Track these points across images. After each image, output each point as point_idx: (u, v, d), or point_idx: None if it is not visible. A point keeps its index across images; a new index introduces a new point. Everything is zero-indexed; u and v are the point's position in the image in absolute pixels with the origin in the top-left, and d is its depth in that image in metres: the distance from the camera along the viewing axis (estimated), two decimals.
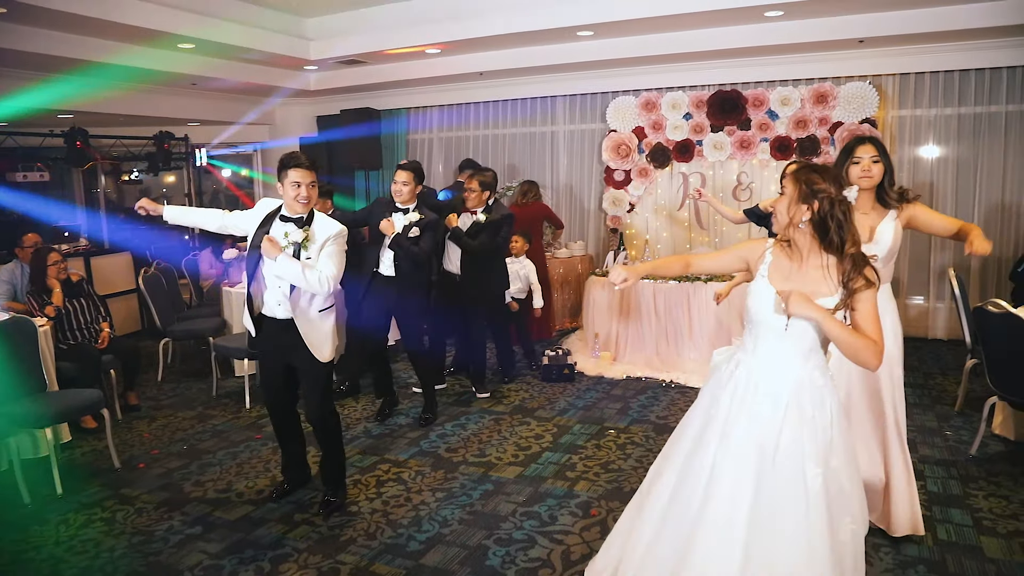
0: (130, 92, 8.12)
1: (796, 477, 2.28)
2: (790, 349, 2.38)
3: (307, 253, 3.52)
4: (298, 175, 3.46)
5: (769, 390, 2.37)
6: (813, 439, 2.31)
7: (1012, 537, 3.41)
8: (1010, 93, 6.83)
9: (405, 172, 4.86)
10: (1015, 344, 3.93)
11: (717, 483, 2.37)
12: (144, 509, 3.88)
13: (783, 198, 2.40)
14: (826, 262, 2.34)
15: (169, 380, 6.33)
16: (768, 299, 2.38)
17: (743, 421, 2.38)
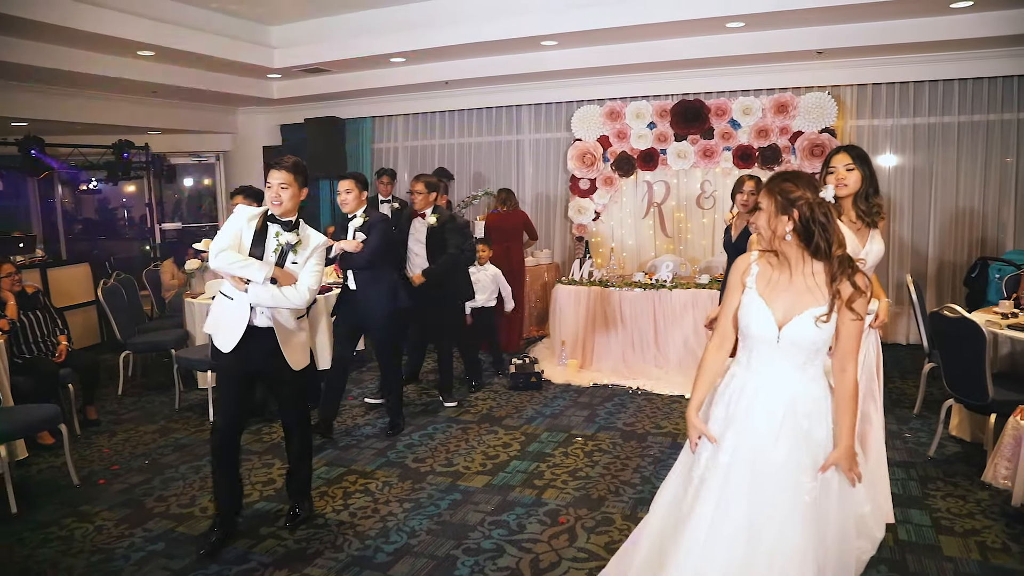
0: (88, 99, 7.99)
1: (790, 492, 2.26)
2: (785, 362, 2.34)
3: (295, 257, 3.48)
4: (271, 176, 3.45)
5: (764, 404, 2.33)
6: (809, 452, 2.28)
7: (969, 536, 3.49)
8: (961, 104, 7.04)
9: (347, 180, 4.82)
10: (969, 348, 4.02)
11: (703, 495, 2.35)
12: (104, 526, 3.79)
13: (761, 214, 2.35)
14: (814, 269, 2.31)
15: (130, 394, 6.21)
16: (759, 311, 2.35)
17: (732, 436, 2.35)
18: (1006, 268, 6.19)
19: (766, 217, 2.33)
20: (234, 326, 3.45)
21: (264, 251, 3.45)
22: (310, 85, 8.82)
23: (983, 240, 7.15)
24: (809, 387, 2.35)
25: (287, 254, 3.47)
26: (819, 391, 2.36)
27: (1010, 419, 3.64)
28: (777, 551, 2.23)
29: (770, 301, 2.34)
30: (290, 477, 3.87)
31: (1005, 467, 3.59)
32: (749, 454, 2.31)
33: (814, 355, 2.34)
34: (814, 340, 2.29)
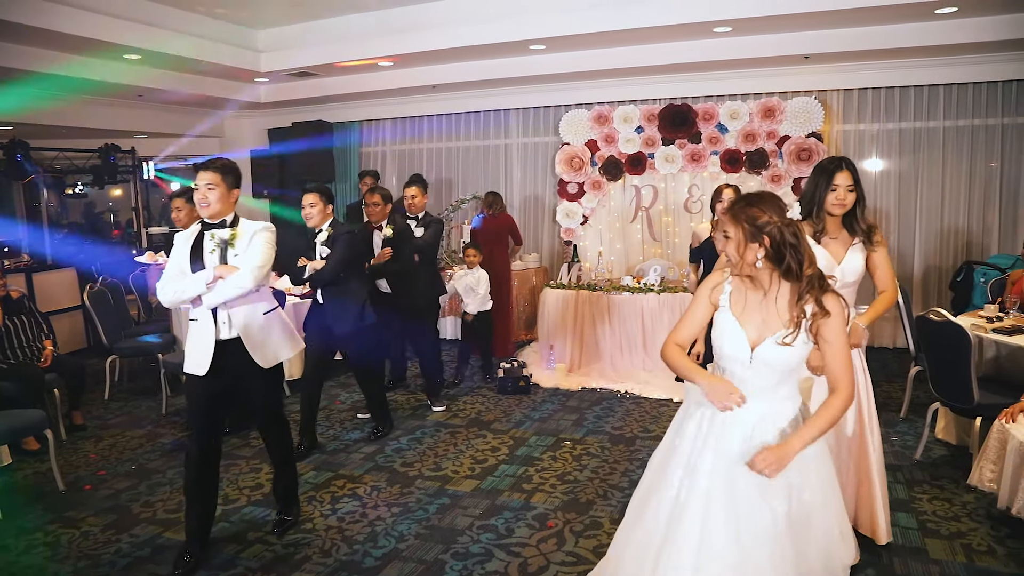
0: (74, 103, 7.93)
1: (767, 511, 2.24)
2: (758, 382, 2.32)
3: (235, 251, 3.37)
4: (198, 178, 3.35)
5: (737, 425, 2.31)
6: (787, 473, 2.23)
7: (954, 538, 3.51)
8: (947, 109, 7.10)
9: (312, 195, 4.67)
10: (955, 351, 4.05)
11: (683, 517, 2.31)
12: (90, 532, 3.76)
13: (730, 242, 2.30)
14: (787, 290, 2.29)
15: (116, 398, 6.17)
16: (732, 332, 2.33)
17: (709, 456, 2.32)
18: (991, 272, 6.25)
19: (735, 245, 2.29)
20: (204, 346, 3.37)
21: (204, 262, 3.35)
22: (297, 89, 8.80)
23: (968, 244, 7.21)
24: (783, 406, 2.35)
25: (226, 252, 3.37)
26: (791, 411, 2.35)
27: (995, 422, 3.66)
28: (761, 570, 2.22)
29: (743, 322, 2.33)
30: (276, 482, 3.84)
31: (990, 470, 3.62)
32: (726, 476, 2.28)
33: (787, 375, 2.33)
34: (786, 362, 2.28)
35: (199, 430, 3.44)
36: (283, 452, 3.78)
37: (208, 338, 3.36)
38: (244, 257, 3.36)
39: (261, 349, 3.46)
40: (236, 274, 3.31)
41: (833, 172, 3.05)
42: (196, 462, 3.43)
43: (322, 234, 4.74)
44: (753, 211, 2.25)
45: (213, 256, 3.37)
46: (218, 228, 3.38)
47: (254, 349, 3.43)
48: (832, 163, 3.10)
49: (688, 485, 2.34)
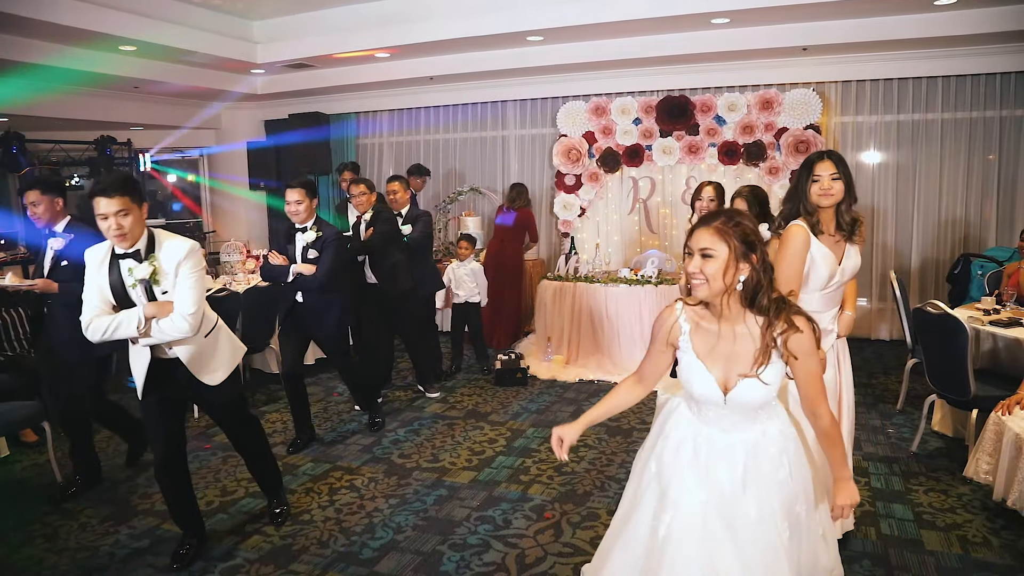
0: (69, 95, 7.90)
1: (770, 541, 2.13)
2: (735, 416, 2.19)
3: (161, 288, 3.05)
4: (101, 206, 2.89)
5: (724, 458, 2.18)
6: (779, 495, 2.17)
7: (950, 530, 3.53)
8: (945, 101, 7.10)
9: (296, 190, 4.51)
10: (952, 344, 4.06)
11: (665, 552, 2.16)
12: (88, 524, 3.77)
13: (711, 261, 2.06)
14: (748, 317, 2.13)
15: (114, 390, 6.14)
16: (700, 376, 2.16)
17: (697, 491, 2.18)
18: (988, 265, 6.26)
19: (720, 264, 2.05)
20: (139, 365, 3.17)
21: (126, 293, 3.05)
22: (294, 80, 8.77)
23: (966, 237, 7.22)
24: (765, 428, 2.21)
25: (150, 287, 3.05)
26: (776, 428, 2.23)
27: (991, 414, 3.68)
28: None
29: (709, 364, 2.16)
30: (257, 475, 3.78)
31: (986, 462, 3.63)
32: (722, 511, 2.16)
33: (766, 403, 2.19)
34: (764, 398, 2.14)
35: (156, 441, 3.30)
36: (256, 446, 3.69)
37: (143, 361, 3.15)
38: (175, 299, 3.05)
39: (204, 370, 3.26)
40: (172, 320, 3.02)
41: (814, 163, 2.99)
42: (162, 472, 3.33)
43: (308, 234, 4.58)
44: (743, 229, 2.06)
45: (136, 291, 3.06)
46: (133, 258, 3.02)
47: (198, 372, 3.23)
48: (813, 155, 3.06)
49: (668, 521, 2.18)
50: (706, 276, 2.06)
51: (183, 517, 3.44)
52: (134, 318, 2.99)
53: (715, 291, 2.08)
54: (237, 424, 3.58)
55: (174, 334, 3.04)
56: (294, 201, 4.52)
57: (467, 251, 6.55)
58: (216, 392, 3.34)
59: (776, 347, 2.09)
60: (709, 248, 2.05)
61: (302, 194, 4.53)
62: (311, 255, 4.58)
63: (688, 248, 2.12)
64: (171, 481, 3.37)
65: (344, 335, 4.94)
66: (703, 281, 2.07)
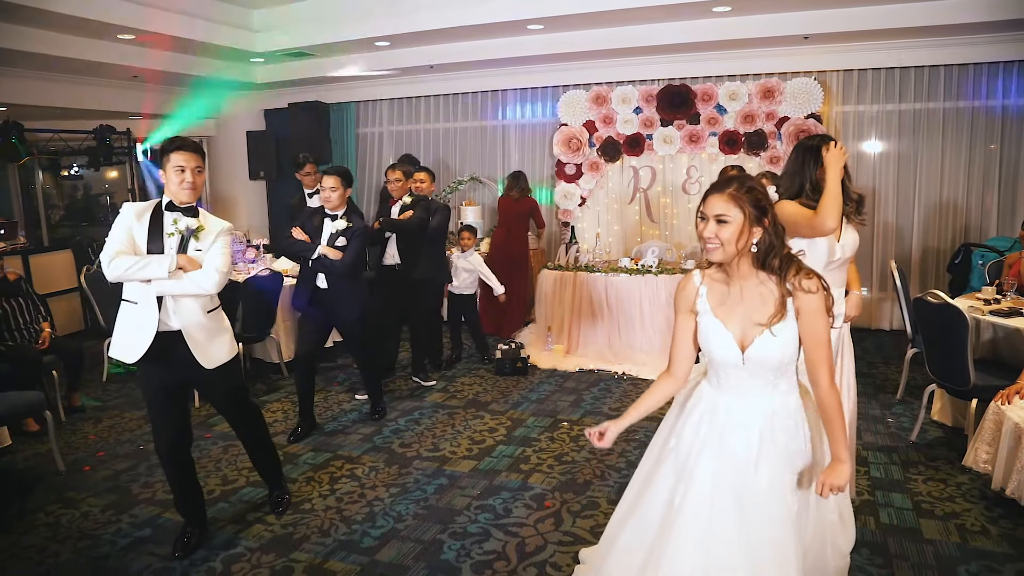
0: (68, 84, 7.87)
1: (778, 514, 2.17)
2: (754, 380, 2.23)
3: (198, 244, 3.21)
4: (182, 158, 3.14)
5: (740, 427, 2.22)
6: (790, 468, 2.21)
7: (948, 519, 3.54)
8: (947, 90, 7.07)
9: (332, 177, 4.63)
10: (952, 334, 4.06)
11: (676, 522, 2.23)
12: (90, 513, 3.78)
13: (727, 226, 2.13)
14: (762, 278, 2.19)
15: (115, 380, 6.17)
16: (718, 335, 2.22)
17: (709, 461, 2.23)
18: (989, 255, 6.26)
19: (735, 228, 2.12)
20: (143, 332, 3.16)
21: (163, 244, 3.17)
22: (293, 69, 8.74)
23: (967, 227, 7.20)
24: (785, 400, 2.25)
25: (188, 241, 3.20)
26: (795, 402, 2.27)
27: (991, 404, 3.69)
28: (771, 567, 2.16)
29: (727, 322, 2.22)
30: (257, 464, 3.80)
31: (985, 451, 3.65)
32: (732, 480, 2.20)
33: (784, 368, 2.23)
34: (780, 357, 2.18)
35: (160, 426, 3.32)
36: (258, 435, 3.71)
37: (149, 326, 3.16)
38: (207, 257, 3.20)
39: (203, 348, 3.27)
40: (200, 273, 3.15)
41: (819, 147, 3.05)
42: (168, 461, 3.36)
43: (339, 222, 4.68)
44: (755, 194, 2.15)
45: (171, 240, 3.18)
46: (183, 213, 3.22)
47: (195, 348, 3.24)
48: (816, 139, 3.10)
49: (683, 491, 2.24)
50: (721, 240, 2.14)
51: (186, 506, 3.46)
52: (166, 260, 3.11)
53: (729, 254, 2.16)
54: (238, 411, 3.59)
55: (201, 285, 3.15)
56: (329, 188, 4.63)
57: (470, 241, 6.58)
58: (215, 376, 3.34)
59: (790, 297, 2.15)
60: (723, 214, 2.13)
61: (338, 181, 4.63)
62: (340, 243, 4.65)
63: (702, 213, 2.18)
64: (176, 470, 3.39)
65: (364, 322, 4.99)
66: (718, 245, 2.15)
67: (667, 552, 2.22)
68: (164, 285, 3.14)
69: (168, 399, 3.30)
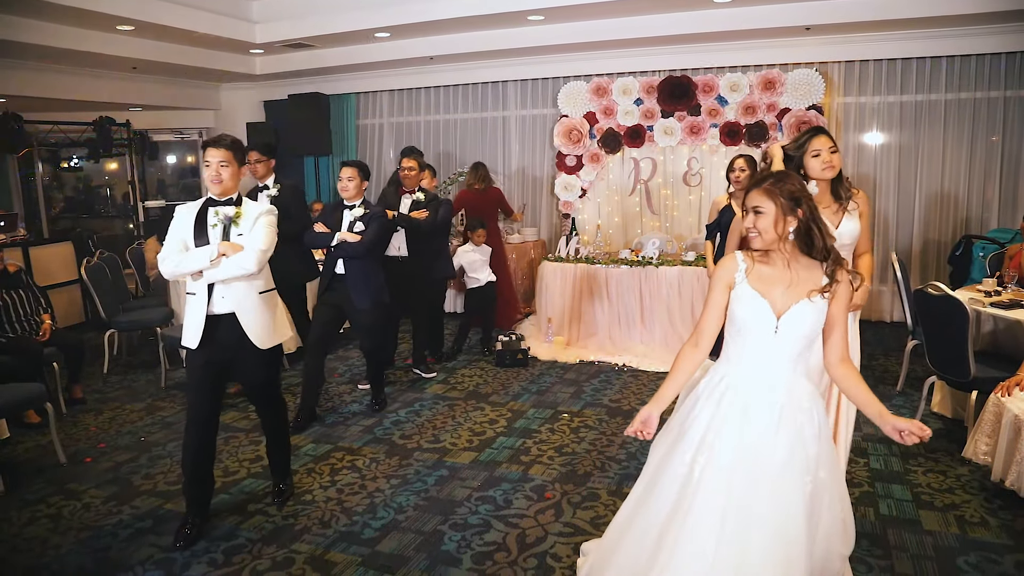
0: (67, 75, 7.86)
1: (792, 489, 2.24)
2: (778, 355, 2.34)
3: (239, 230, 3.39)
4: (209, 155, 3.38)
5: (763, 399, 2.32)
6: (803, 448, 2.28)
7: (948, 510, 3.55)
8: (948, 82, 7.04)
9: (350, 168, 4.88)
10: (952, 325, 4.06)
11: (697, 495, 2.29)
12: (92, 504, 3.79)
13: (763, 216, 2.31)
14: (804, 264, 2.34)
15: (116, 372, 6.18)
16: (754, 302, 2.33)
17: (730, 435, 2.30)
18: (990, 246, 6.25)
19: (771, 219, 2.31)
20: (197, 319, 3.38)
21: (207, 236, 3.38)
22: (293, 61, 8.72)
23: (967, 218, 7.19)
24: (800, 382, 2.36)
25: (229, 228, 3.39)
26: (809, 387, 2.38)
27: (991, 396, 3.69)
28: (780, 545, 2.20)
29: (765, 292, 2.34)
30: (270, 454, 3.85)
31: (985, 443, 3.65)
32: (751, 453, 2.27)
33: (807, 348, 2.36)
34: (812, 326, 2.32)
35: (194, 402, 3.44)
36: (278, 428, 3.81)
37: (200, 311, 3.37)
38: (248, 238, 3.38)
39: (256, 328, 3.43)
40: (241, 254, 3.33)
41: (808, 139, 3.07)
42: (192, 434, 3.43)
43: (356, 210, 4.86)
44: (791, 186, 2.32)
45: (215, 231, 3.38)
46: (224, 206, 3.41)
47: (248, 327, 3.41)
48: (807, 132, 3.13)
49: (703, 463, 2.30)
50: (759, 230, 2.34)
51: (193, 491, 3.47)
52: (207, 250, 3.32)
53: (768, 241, 2.34)
54: (268, 400, 3.70)
55: (243, 265, 3.33)
56: (346, 178, 4.85)
57: (482, 237, 6.66)
58: (260, 357, 3.48)
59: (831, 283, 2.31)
60: (759, 206, 2.33)
61: (354, 172, 4.87)
62: (358, 228, 4.81)
63: (746, 207, 2.40)
64: (197, 452, 3.45)
65: (378, 310, 5.01)
66: (756, 234, 2.35)
67: (687, 524, 2.28)
68: (211, 273, 3.34)
69: (207, 375, 3.42)
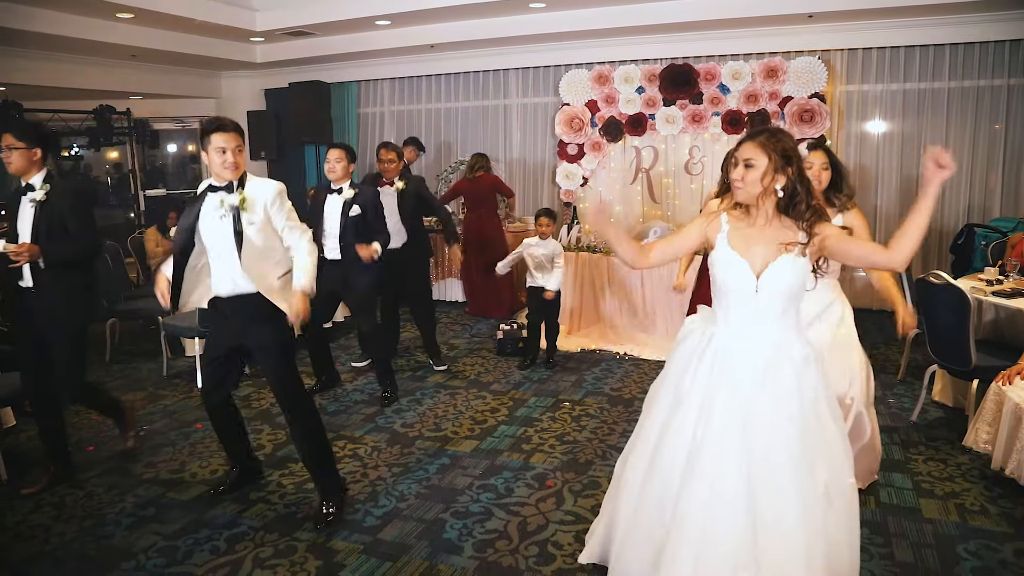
0: (67, 64, 7.83)
1: (779, 444, 2.28)
2: (763, 313, 2.37)
3: (249, 218, 3.25)
4: (222, 139, 3.21)
5: (746, 358, 2.36)
6: (799, 400, 2.30)
7: (948, 499, 3.56)
8: (952, 70, 7.00)
9: (337, 150, 4.90)
10: (954, 314, 4.06)
11: (701, 461, 2.33)
12: (94, 492, 3.81)
13: (753, 170, 2.33)
14: (784, 223, 2.37)
15: (117, 361, 6.19)
16: (733, 263, 2.38)
17: (723, 394, 2.35)
18: (992, 235, 6.23)
19: (760, 173, 2.32)
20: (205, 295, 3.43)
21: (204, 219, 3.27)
22: (294, 49, 8.69)
23: (970, 207, 7.17)
24: (788, 336, 2.38)
25: (239, 217, 3.25)
26: (801, 342, 2.40)
27: (992, 385, 3.70)
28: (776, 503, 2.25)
29: (744, 253, 2.37)
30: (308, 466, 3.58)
31: (986, 432, 3.66)
32: (740, 413, 2.31)
33: (791, 303, 2.39)
34: (791, 284, 2.34)
35: (206, 368, 3.57)
36: (308, 430, 3.47)
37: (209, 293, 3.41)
38: (286, 233, 3.34)
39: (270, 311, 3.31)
40: (300, 252, 3.35)
41: (809, 149, 3.34)
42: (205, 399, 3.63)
43: (347, 192, 4.86)
44: (786, 143, 2.34)
45: (224, 222, 3.24)
46: (226, 191, 3.27)
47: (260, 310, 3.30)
48: (810, 144, 3.36)
49: (704, 427, 2.35)
50: (745, 182, 2.35)
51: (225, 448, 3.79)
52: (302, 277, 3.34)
53: (752, 194, 2.36)
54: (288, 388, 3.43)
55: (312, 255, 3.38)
56: (334, 159, 4.86)
57: (548, 227, 5.82)
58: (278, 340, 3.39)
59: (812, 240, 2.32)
60: (751, 158, 2.34)
61: (342, 154, 4.89)
62: (354, 211, 4.82)
63: (734, 158, 2.40)
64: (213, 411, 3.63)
65: (374, 294, 5.05)
66: (743, 186, 2.36)
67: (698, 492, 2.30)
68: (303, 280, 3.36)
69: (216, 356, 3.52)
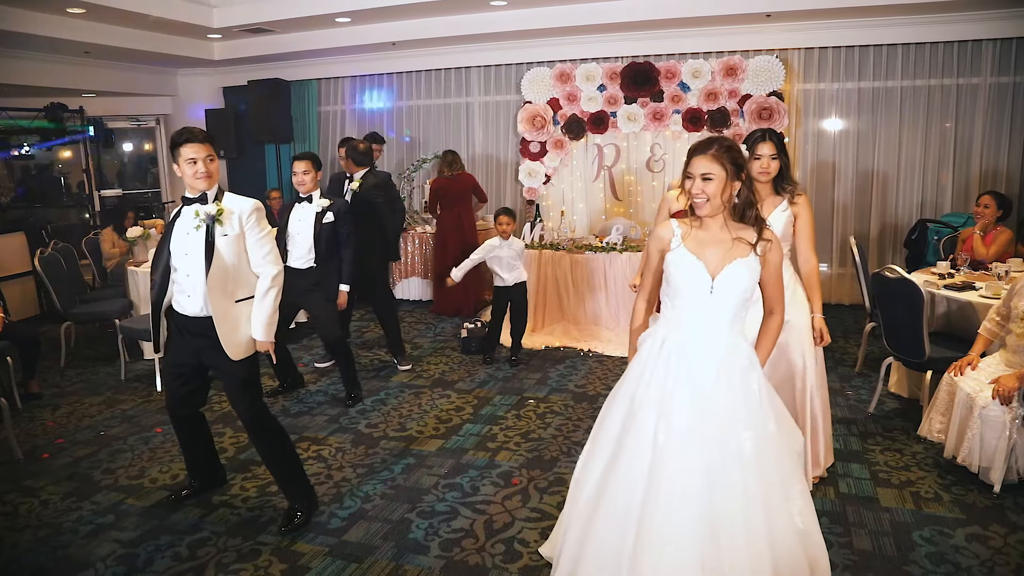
0: (16, 60, 7.62)
1: (731, 442, 2.32)
2: (715, 315, 2.43)
3: (223, 230, 3.17)
4: (192, 150, 3.14)
5: (702, 357, 2.40)
6: (746, 404, 2.36)
7: (904, 487, 3.65)
8: (904, 69, 7.16)
9: (303, 162, 4.82)
10: (908, 307, 4.15)
11: (665, 462, 2.33)
12: (50, 501, 3.72)
13: (711, 182, 2.37)
14: (733, 229, 2.45)
15: (73, 366, 6.05)
16: (690, 264, 2.42)
17: (682, 396, 2.37)
18: (944, 230, 6.39)
19: (718, 184, 2.38)
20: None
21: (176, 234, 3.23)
22: (252, 46, 8.56)
23: (923, 203, 7.34)
24: (737, 341, 2.46)
25: (212, 228, 3.17)
26: (747, 347, 2.48)
27: (944, 375, 3.80)
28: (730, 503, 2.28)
29: (700, 255, 2.44)
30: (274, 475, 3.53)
31: (939, 421, 3.75)
32: (700, 413, 2.35)
33: (742, 308, 2.46)
34: (745, 287, 2.42)
35: (167, 385, 3.49)
36: (272, 445, 3.43)
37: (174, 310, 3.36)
38: (259, 255, 3.27)
39: (230, 337, 3.23)
40: (263, 283, 3.28)
41: (756, 142, 3.35)
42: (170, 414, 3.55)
43: (318, 202, 4.81)
44: (733, 153, 2.40)
45: (198, 233, 3.17)
46: (200, 202, 3.20)
47: (224, 337, 3.21)
48: (755, 134, 3.40)
49: (665, 428, 2.36)
50: (708, 195, 2.39)
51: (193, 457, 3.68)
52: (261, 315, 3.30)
53: (716, 207, 2.42)
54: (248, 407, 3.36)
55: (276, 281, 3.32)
56: (301, 171, 4.81)
57: (510, 226, 5.77)
58: (237, 362, 3.28)
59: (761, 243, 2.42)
60: (708, 172, 2.39)
61: (309, 165, 4.82)
62: (328, 219, 4.79)
63: (688, 173, 2.43)
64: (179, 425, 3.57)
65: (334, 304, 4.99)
66: (706, 200, 2.40)
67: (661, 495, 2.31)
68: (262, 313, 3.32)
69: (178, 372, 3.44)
